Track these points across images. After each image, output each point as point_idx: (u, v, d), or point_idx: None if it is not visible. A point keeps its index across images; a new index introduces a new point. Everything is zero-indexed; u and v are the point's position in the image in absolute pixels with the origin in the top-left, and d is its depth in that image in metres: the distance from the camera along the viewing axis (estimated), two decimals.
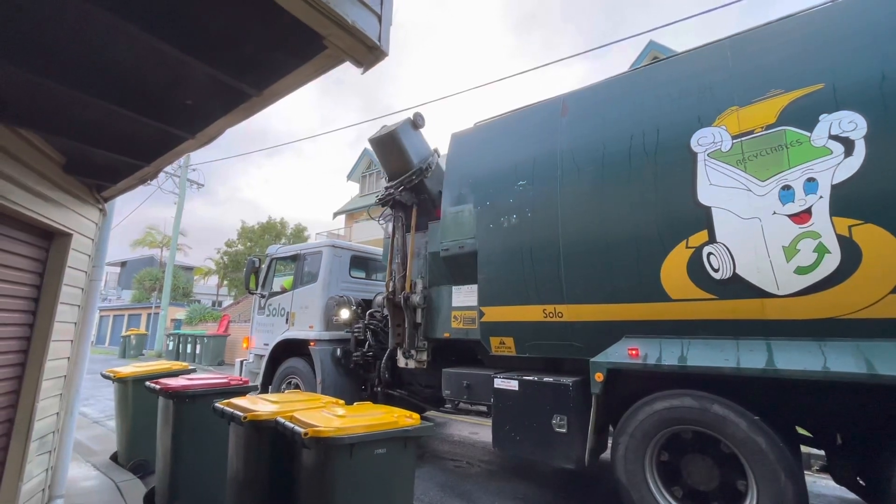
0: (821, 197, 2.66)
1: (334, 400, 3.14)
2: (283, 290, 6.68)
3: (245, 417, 2.58)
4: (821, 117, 2.74)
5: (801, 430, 3.21)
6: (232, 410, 2.70)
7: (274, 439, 2.57)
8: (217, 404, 2.89)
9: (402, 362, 5.10)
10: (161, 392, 3.44)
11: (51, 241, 3.04)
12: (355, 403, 2.97)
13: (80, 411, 3.65)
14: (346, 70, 1.75)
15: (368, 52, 1.58)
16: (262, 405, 2.78)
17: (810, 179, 2.71)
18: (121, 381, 4.53)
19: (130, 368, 4.73)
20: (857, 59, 2.71)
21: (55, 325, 2.97)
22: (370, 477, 2.35)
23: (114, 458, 4.63)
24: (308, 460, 2.38)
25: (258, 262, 6.85)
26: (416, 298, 4.90)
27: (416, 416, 2.64)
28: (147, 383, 3.71)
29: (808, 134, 2.76)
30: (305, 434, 2.21)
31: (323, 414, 2.55)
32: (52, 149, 2.77)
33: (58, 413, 3.22)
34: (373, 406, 2.93)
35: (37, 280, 2.95)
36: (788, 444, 2.74)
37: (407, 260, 5.09)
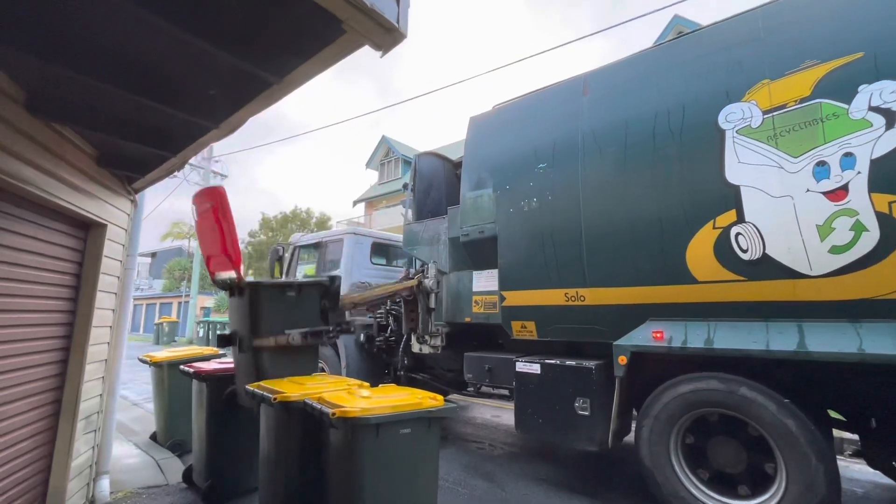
0: (858, 172, 2.55)
1: (360, 382, 3.20)
2: (307, 278, 6.81)
3: (275, 399, 2.67)
4: (860, 88, 2.60)
5: (833, 414, 3.14)
6: (262, 392, 2.79)
7: (303, 419, 2.65)
8: (248, 386, 2.99)
9: (415, 347, 5.11)
10: (195, 375, 3.59)
11: (87, 232, 3.17)
12: (380, 386, 3.03)
13: (120, 394, 3.83)
14: (360, 52, 1.75)
15: (387, 35, 1.57)
16: (290, 387, 2.87)
17: (847, 154, 2.59)
18: (156, 366, 4.74)
19: (165, 353, 4.93)
20: None
21: (95, 311, 3.12)
22: (396, 456, 2.41)
23: (153, 437, 4.87)
24: (335, 440, 2.46)
25: (282, 250, 6.99)
26: (428, 283, 4.85)
27: (440, 397, 2.67)
28: (181, 367, 3.87)
29: (846, 106, 2.63)
30: (333, 414, 2.27)
31: (349, 395, 2.61)
32: (85, 142, 2.87)
33: (101, 395, 3.40)
34: (397, 388, 2.99)
35: (76, 269, 3.09)
36: (820, 427, 2.68)
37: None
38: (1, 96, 2.12)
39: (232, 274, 3.12)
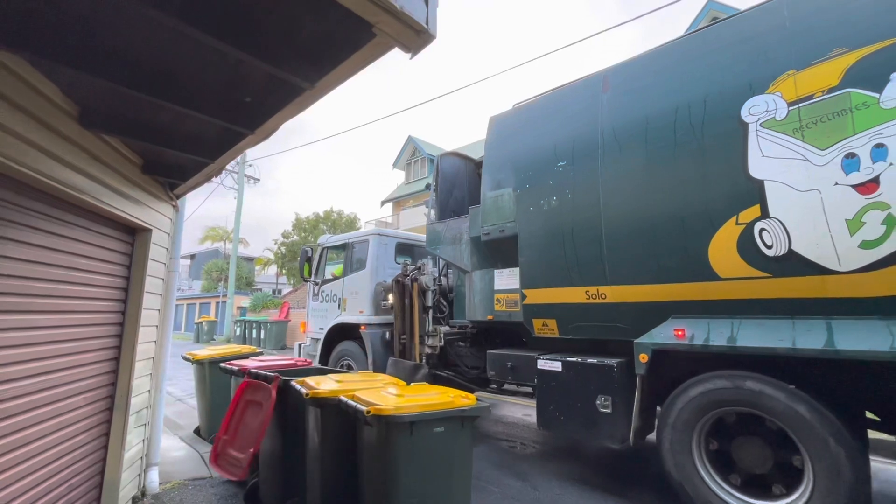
0: (890, 164, 2.47)
1: (392, 380, 3.25)
2: (335, 278, 7.03)
3: (307, 394, 2.77)
4: (892, 76, 2.52)
5: (869, 415, 3.03)
6: (300, 387, 2.90)
7: (342, 416, 2.69)
8: (292, 382, 3.08)
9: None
10: (235, 373, 3.78)
11: (134, 236, 3.40)
12: (411, 384, 3.10)
13: (165, 390, 4.07)
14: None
15: (417, 37, 1.56)
16: (325, 384, 2.96)
17: (878, 146, 2.51)
18: (199, 363, 5.01)
19: (206, 351, 5.19)
20: None
21: (143, 311, 3.35)
22: (430, 454, 2.42)
23: (196, 431, 5.14)
24: (369, 436, 2.49)
25: (310, 251, 7.23)
26: (425, 279, 4.70)
27: (472, 396, 2.68)
28: (221, 365, 4.08)
29: (877, 95, 2.54)
30: (368, 412, 2.31)
31: (382, 393, 2.66)
32: (130, 151, 3.06)
33: (149, 390, 3.63)
34: (428, 386, 3.02)
35: (125, 272, 3.33)
36: (853, 427, 2.61)
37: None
38: (60, 114, 2.31)
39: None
